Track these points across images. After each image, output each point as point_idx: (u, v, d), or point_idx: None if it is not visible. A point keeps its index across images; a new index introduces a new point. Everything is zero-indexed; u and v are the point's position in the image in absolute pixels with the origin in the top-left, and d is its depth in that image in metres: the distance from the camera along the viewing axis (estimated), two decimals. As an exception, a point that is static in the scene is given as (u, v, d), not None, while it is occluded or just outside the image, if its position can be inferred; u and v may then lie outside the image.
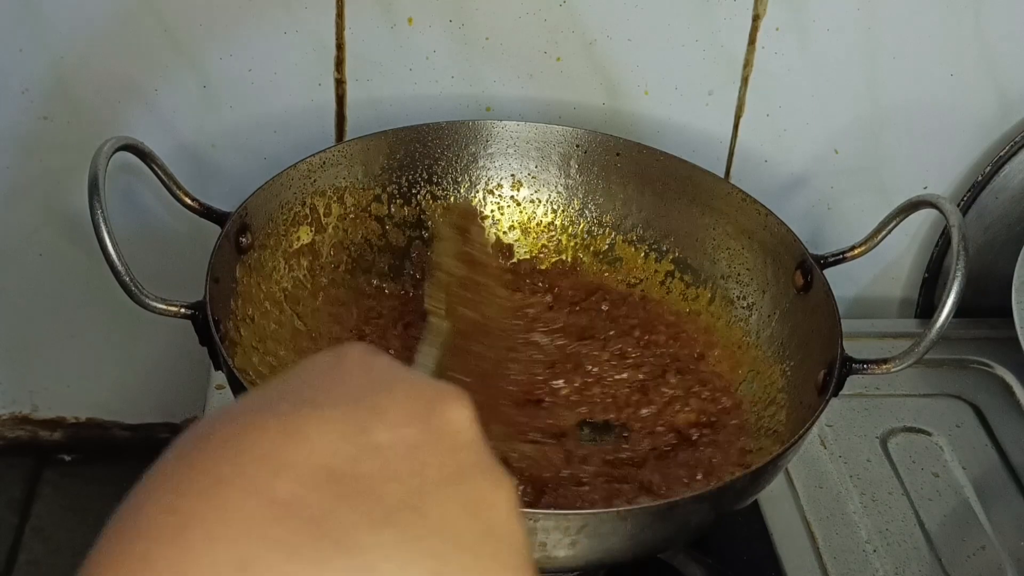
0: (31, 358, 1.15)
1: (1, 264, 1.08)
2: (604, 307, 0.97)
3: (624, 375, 0.89)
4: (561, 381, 0.88)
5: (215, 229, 0.86)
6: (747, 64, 1.03)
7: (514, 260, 1.01)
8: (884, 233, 0.88)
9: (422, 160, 0.99)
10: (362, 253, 0.97)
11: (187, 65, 0.99)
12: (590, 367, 0.89)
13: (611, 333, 0.93)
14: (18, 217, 1.06)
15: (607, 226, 1.00)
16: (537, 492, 0.80)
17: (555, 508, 0.78)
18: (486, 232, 0.73)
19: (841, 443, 1.00)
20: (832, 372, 0.80)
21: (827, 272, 0.88)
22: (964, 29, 1.03)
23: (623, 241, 1.00)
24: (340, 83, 1.02)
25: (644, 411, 0.87)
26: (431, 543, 0.37)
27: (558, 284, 0.98)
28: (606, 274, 1.00)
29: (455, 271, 0.75)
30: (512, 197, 1.01)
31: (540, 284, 0.98)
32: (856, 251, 0.89)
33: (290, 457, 0.37)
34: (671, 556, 0.89)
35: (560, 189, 1.01)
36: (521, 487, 0.79)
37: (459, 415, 0.41)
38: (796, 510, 0.94)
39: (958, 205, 1.09)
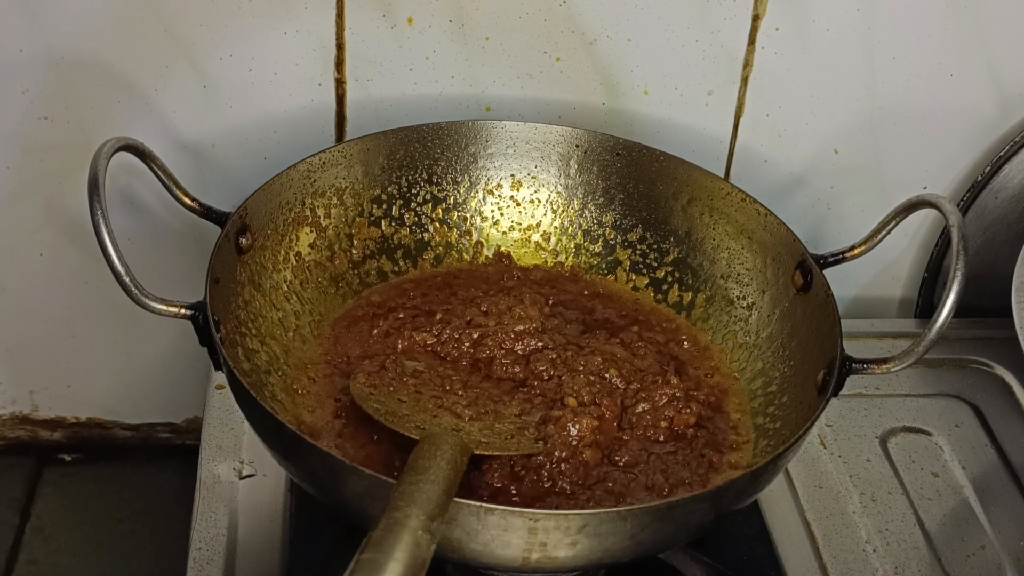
0: (31, 358, 1.15)
1: (1, 264, 1.08)
2: (606, 305, 0.97)
3: (624, 374, 0.89)
4: (557, 376, 0.88)
5: (215, 229, 0.86)
6: (747, 64, 1.03)
7: (513, 261, 1.01)
8: (884, 233, 0.88)
9: (422, 160, 0.99)
10: (362, 253, 0.97)
11: (187, 65, 0.99)
12: (588, 365, 0.89)
13: (611, 333, 0.93)
14: (18, 217, 1.06)
15: (607, 226, 1.01)
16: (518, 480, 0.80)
17: (552, 506, 0.78)
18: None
19: (841, 443, 1.00)
20: (832, 372, 0.80)
21: (827, 272, 0.88)
22: (964, 29, 1.03)
23: (623, 241, 1.00)
24: (340, 83, 1.02)
25: (640, 408, 0.87)
26: None
27: (558, 284, 0.98)
28: (606, 274, 1.00)
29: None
30: (512, 197, 1.01)
31: (540, 285, 0.98)
32: (856, 251, 0.89)
33: None
34: (671, 556, 0.89)
35: (560, 189, 1.01)
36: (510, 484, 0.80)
37: None
38: (796, 510, 0.94)
39: (958, 205, 1.09)
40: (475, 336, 0.90)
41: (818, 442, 1.00)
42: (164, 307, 0.78)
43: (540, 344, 0.91)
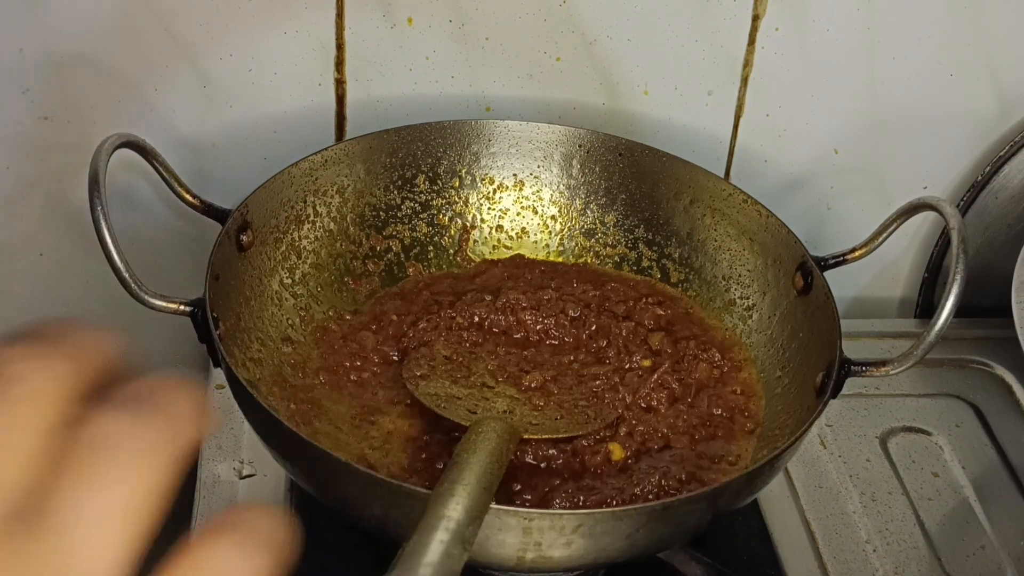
0: (31, 357, 1.15)
1: (1, 264, 1.08)
2: (606, 307, 0.97)
3: (621, 374, 0.89)
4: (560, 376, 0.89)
5: (216, 227, 0.86)
6: (747, 64, 1.03)
7: (517, 260, 1.01)
8: (884, 236, 0.88)
9: (424, 159, 0.99)
10: (363, 252, 0.97)
11: (187, 65, 0.99)
12: (583, 365, 0.89)
13: (611, 331, 0.93)
14: (18, 217, 1.06)
15: (609, 226, 1.01)
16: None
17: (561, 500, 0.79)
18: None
19: (841, 443, 1.00)
20: (830, 374, 0.80)
21: (827, 272, 0.88)
22: (964, 29, 1.03)
23: (625, 241, 1.00)
24: (340, 83, 1.02)
25: (641, 406, 0.87)
26: None
27: (560, 284, 0.98)
28: (608, 274, 1.00)
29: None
30: (514, 197, 1.01)
31: (542, 284, 0.98)
32: (856, 253, 0.89)
33: None
34: (671, 555, 0.89)
35: (562, 189, 1.01)
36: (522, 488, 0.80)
37: None
38: (796, 510, 0.94)
39: (958, 205, 1.09)
40: (512, 316, 0.92)
41: (818, 442, 1.00)
42: (163, 303, 0.78)
43: (576, 313, 0.93)
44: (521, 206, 1.01)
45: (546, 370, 0.88)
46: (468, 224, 1.01)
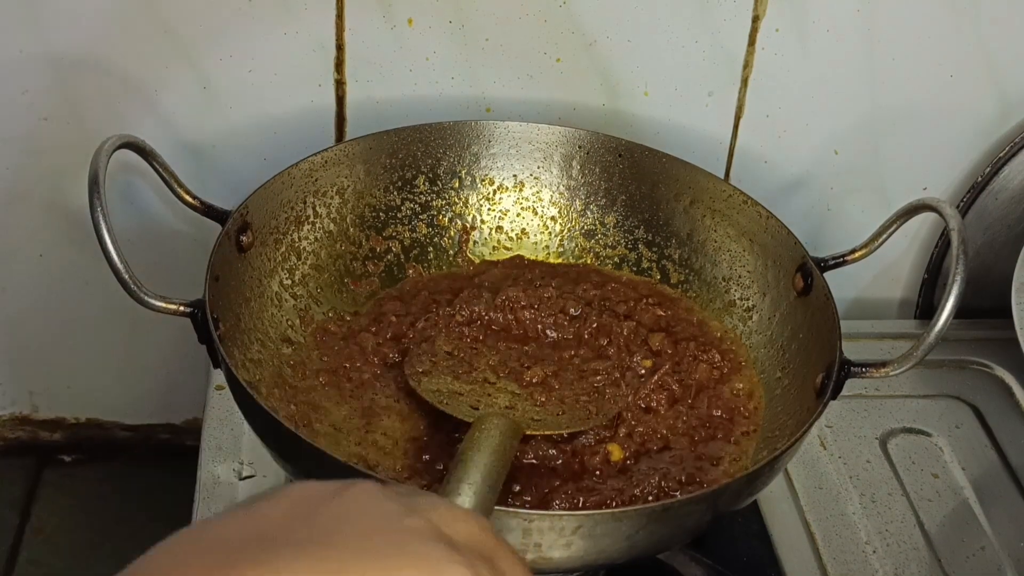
0: (31, 358, 1.15)
1: (1, 264, 1.08)
2: (607, 306, 0.97)
3: (622, 371, 0.89)
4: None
5: (216, 227, 0.86)
6: (747, 65, 1.03)
7: (517, 261, 1.01)
8: (884, 237, 0.88)
9: (424, 160, 0.99)
10: (363, 253, 0.97)
11: (187, 66, 0.99)
12: (584, 361, 0.89)
13: (612, 330, 0.93)
14: (18, 217, 1.06)
15: (609, 227, 1.00)
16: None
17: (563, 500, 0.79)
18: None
19: (841, 444, 1.00)
20: (830, 375, 0.80)
21: (827, 273, 0.88)
22: (964, 30, 1.03)
23: (625, 242, 1.00)
24: (340, 84, 1.02)
25: (641, 407, 0.87)
26: None
27: (560, 284, 0.98)
28: (608, 275, 1.00)
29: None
30: (514, 198, 1.01)
31: (542, 284, 0.98)
32: (856, 254, 0.89)
33: None
34: (671, 556, 0.89)
35: (562, 190, 1.01)
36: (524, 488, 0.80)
37: None
38: (796, 511, 0.94)
39: (958, 206, 1.09)
40: (511, 314, 0.92)
41: (818, 443, 1.00)
42: (163, 304, 0.78)
43: (577, 312, 0.93)
44: (521, 207, 1.01)
45: (547, 365, 0.88)
46: (468, 225, 1.01)
